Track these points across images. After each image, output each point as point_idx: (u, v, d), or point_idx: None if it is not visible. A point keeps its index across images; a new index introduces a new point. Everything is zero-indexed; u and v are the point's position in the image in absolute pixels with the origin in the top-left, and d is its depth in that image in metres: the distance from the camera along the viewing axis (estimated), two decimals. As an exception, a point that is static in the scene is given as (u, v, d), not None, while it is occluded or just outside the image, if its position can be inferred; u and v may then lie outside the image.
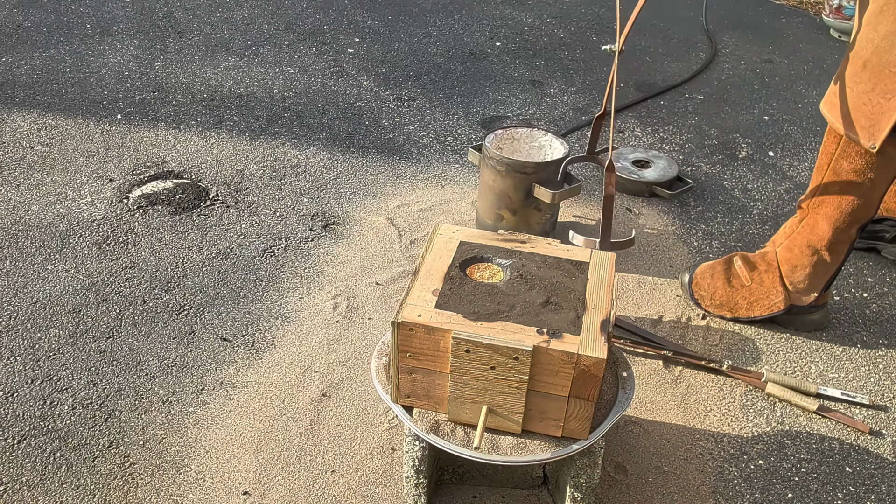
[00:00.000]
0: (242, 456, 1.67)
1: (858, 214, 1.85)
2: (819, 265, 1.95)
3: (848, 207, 1.84)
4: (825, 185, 1.86)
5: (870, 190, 1.80)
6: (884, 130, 1.68)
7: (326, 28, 3.76)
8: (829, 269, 1.96)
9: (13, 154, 2.64)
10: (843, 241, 1.90)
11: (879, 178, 1.78)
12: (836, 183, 1.83)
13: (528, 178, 2.18)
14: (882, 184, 1.80)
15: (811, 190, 1.92)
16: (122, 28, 3.61)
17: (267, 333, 1.99)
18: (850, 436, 1.80)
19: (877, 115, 1.68)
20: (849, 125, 1.74)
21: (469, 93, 3.25)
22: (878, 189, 1.80)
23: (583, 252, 1.54)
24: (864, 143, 1.71)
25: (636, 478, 1.67)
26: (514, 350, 1.29)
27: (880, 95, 1.67)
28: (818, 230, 1.91)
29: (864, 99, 1.70)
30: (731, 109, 3.24)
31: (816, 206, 1.90)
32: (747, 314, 2.06)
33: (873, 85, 1.67)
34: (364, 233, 2.38)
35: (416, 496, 1.52)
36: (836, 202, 1.85)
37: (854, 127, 1.73)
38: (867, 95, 1.69)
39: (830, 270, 1.96)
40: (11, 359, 1.86)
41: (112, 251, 2.23)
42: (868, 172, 1.77)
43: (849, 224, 1.87)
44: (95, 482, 1.59)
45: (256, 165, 2.67)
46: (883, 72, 1.66)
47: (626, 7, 2.06)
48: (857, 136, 1.73)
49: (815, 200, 1.90)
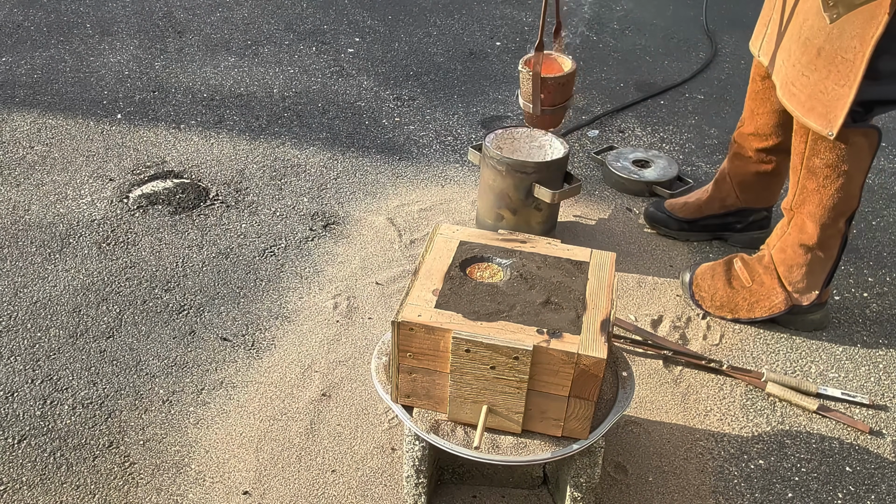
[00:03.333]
0: (242, 455, 1.67)
1: (842, 208, 1.86)
2: (814, 263, 1.96)
3: (829, 202, 1.85)
4: (802, 185, 1.87)
5: (847, 182, 1.81)
6: (840, 117, 1.70)
7: (326, 28, 3.76)
8: (825, 265, 1.96)
9: (13, 154, 2.64)
10: (832, 235, 1.91)
11: (853, 168, 1.79)
12: (813, 180, 1.84)
13: (528, 177, 2.18)
14: (858, 173, 1.81)
15: (791, 192, 1.93)
16: (122, 28, 3.61)
17: (267, 333, 1.99)
18: (850, 435, 1.80)
19: (832, 102, 1.71)
20: (807, 113, 1.76)
21: (469, 92, 3.25)
22: (854, 180, 1.82)
23: (583, 252, 1.55)
24: (822, 131, 1.73)
25: (636, 477, 1.67)
26: (515, 350, 1.29)
27: (834, 82, 1.69)
28: (806, 229, 1.91)
29: (821, 87, 1.72)
30: (732, 109, 3.24)
31: (799, 205, 1.91)
32: (748, 315, 2.06)
33: (828, 73, 1.70)
34: (364, 232, 2.38)
35: (416, 496, 1.52)
36: (818, 199, 1.86)
37: (812, 115, 1.75)
38: (823, 83, 1.71)
39: (827, 266, 1.97)
40: (11, 358, 1.86)
41: (112, 251, 2.23)
42: (841, 165, 1.79)
43: (834, 219, 1.88)
44: (95, 482, 1.59)
45: (256, 165, 2.67)
46: (836, 59, 1.68)
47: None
48: (815, 123, 1.75)
49: (796, 201, 1.91)
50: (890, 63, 1.66)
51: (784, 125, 2.06)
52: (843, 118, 1.69)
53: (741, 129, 2.18)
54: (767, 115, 2.08)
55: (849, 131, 1.73)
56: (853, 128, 1.73)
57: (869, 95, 1.69)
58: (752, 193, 2.27)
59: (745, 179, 2.25)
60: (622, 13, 4.17)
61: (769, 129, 2.10)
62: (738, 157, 2.22)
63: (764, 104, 2.07)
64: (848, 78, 1.67)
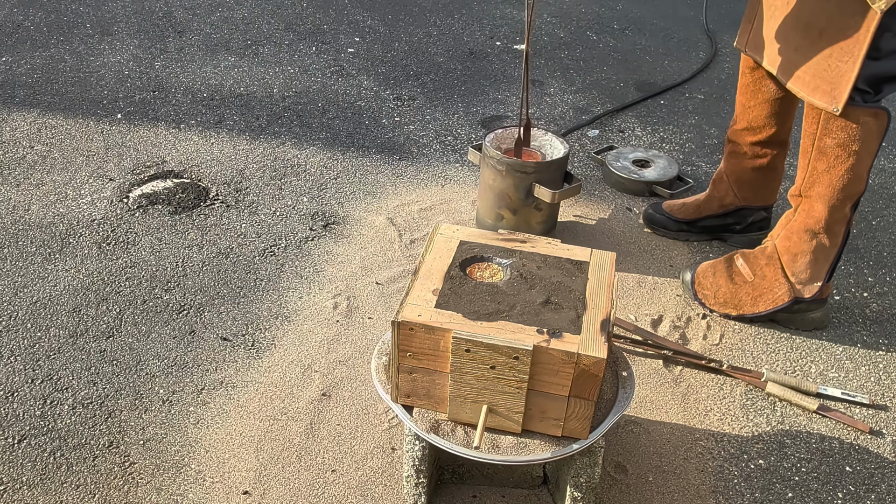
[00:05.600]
0: (242, 455, 1.67)
1: (850, 189, 1.88)
2: (819, 250, 1.97)
3: (839, 183, 1.87)
4: (813, 167, 1.90)
5: (856, 163, 1.84)
6: (844, 92, 1.74)
7: (326, 28, 3.76)
8: (828, 253, 1.97)
9: (13, 154, 2.64)
10: (838, 220, 1.93)
11: (863, 149, 1.82)
12: (824, 161, 1.87)
13: (528, 177, 2.18)
14: (866, 155, 1.84)
15: (800, 176, 1.95)
16: (121, 28, 3.61)
17: (267, 333, 1.99)
18: (850, 435, 1.80)
19: (836, 79, 1.75)
20: (812, 92, 1.80)
21: (469, 92, 3.25)
22: (863, 161, 1.84)
23: (583, 252, 1.55)
24: (828, 108, 1.78)
25: (636, 477, 1.67)
26: (515, 349, 1.29)
27: (838, 59, 1.74)
28: (814, 212, 1.93)
29: (824, 65, 1.77)
30: (732, 109, 3.24)
31: (808, 188, 1.93)
32: (752, 310, 2.07)
33: (831, 51, 1.75)
34: (364, 232, 2.38)
35: (416, 496, 1.52)
36: (828, 180, 1.88)
37: (817, 93, 1.79)
38: (826, 61, 1.76)
39: (831, 255, 1.97)
40: (11, 358, 1.86)
41: (112, 251, 2.23)
42: (851, 145, 1.81)
43: (842, 201, 1.89)
44: (95, 482, 1.59)
45: (256, 165, 2.67)
46: (838, 36, 1.73)
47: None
48: (820, 101, 1.79)
49: (805, 184, 1.93)
50: (892, 41, 1.70)
51: (776, 115, 2.10)
52: (848, 93, 1.73)
53: (734, 126, 2.20)
54: (759, 106, 2.11)
55: (859, 111, 1.77)
56: (863, 107, 1.77)
57: (873, 70, 1.73)
58: (750, 191, 2.28)
59: (741, 177, 2.26)
60: (622, 13, 4.17)
61: (762, 120, 2.12)
62: (733, 154, 2.24)
63: (755, 96, 2.10)
64: (852, 53, 1.71)
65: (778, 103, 2.08)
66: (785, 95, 2.06)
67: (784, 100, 2.08)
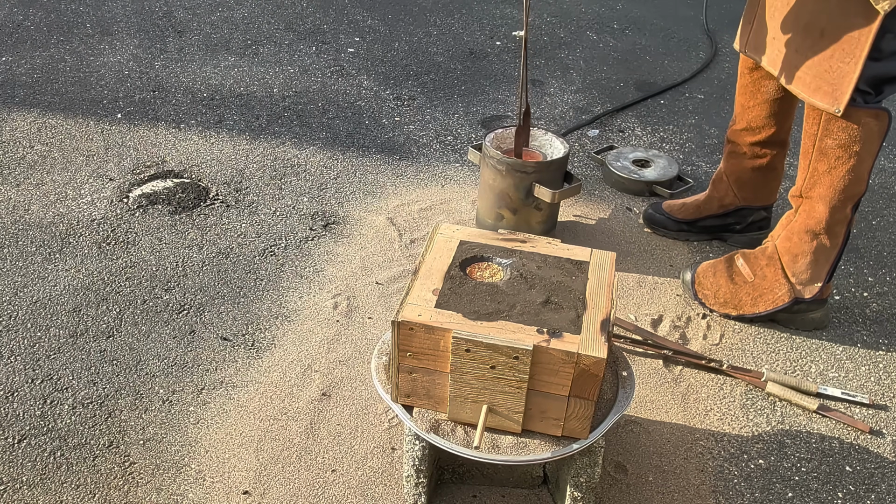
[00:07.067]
0: (242, 455, 1.67)
1: (851, 190, 1.88)
2: (819, 251, 1.97)
3: (840, 184, 1.87)
4: (814, 168, 1.90)
5: (857, 164, 1.84)
6: (846, 93, 1.74)
7: (326, 27, 3.76)
8: (829, 254, 1.97)
9: (13, 153, 2.64)
10: (839, 221, 1.93)
11: (864, 150, 1.82)
12: (825, 162, 1.87)
13: (528, 177, 2.18)
14: (867, 156, 1.84)
15: (801, 177, 1.95)
16: (121, 27, 3.61)
17: (267, 333, 1.99)
18: (850, 435, 1.80)
19: (838, 80, 1.75)
20: (814, 93, 1.80)
21: (469, 92, 3.25)
22: (864, 162, 1.84)
23: (583, 252, 1.55)
24: (830, 109, 1.77)
25: (636, 477, 1.67)
26: (515, 349, 1.29)
27: (839, 60, 1.74)
28: (815, 213, 1.93)
29: (825, 66, 1.77)
30: (732, 109, 3.23)
31: (809, 189, 1.93)
32: (752, 310, 2.07)
33: (832, 52, 1.75)
34: (364, 232, 2.38)
35: (416, 495, 1.52)
36: (829, 181, 1.88)
37: (818, 94, 1.79)
38: (828, 62, 1.76)
39: (831, 256, 1.97)
40: (11, 358, 1.86)
41: (112, 250, 2.23)
42: (852, 146, 1.81)
43: (843, 202, 1.90)
44: (95, 482, 1.59)
45: (256, 165, 2.67)
46: (840, 37, 1.73)
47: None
48: (822, 102, 1.79)
49: (806, 185, 1.93)
50: (893, 42, 1.70)
51: (775, 115, 2.10)
52: (850, 94, 1.73)
53: (733, 126, 2.20)
54: (758, 106, 2.11)
55: (860, 112, 1.77)
56: (864, 108, 1.77)
57: (874, 71, 1.73)
58: (750, 191, 2.28)
59: (741, 177, 2.26)
60: (622, 13, 4.16)
61: (761, 120, 2.12)
62: (732, 154, 2.24)
63: (754, 96, 2.10)
64: (853, 54, 1.71)
65: (777, 103, 2.08)
66: (784, 96, 2.06)
67: (783, 100, 2.08)
